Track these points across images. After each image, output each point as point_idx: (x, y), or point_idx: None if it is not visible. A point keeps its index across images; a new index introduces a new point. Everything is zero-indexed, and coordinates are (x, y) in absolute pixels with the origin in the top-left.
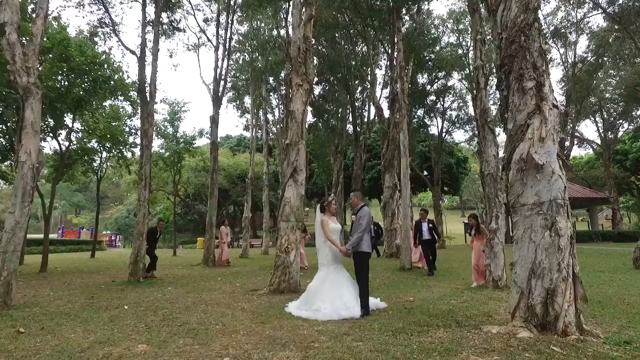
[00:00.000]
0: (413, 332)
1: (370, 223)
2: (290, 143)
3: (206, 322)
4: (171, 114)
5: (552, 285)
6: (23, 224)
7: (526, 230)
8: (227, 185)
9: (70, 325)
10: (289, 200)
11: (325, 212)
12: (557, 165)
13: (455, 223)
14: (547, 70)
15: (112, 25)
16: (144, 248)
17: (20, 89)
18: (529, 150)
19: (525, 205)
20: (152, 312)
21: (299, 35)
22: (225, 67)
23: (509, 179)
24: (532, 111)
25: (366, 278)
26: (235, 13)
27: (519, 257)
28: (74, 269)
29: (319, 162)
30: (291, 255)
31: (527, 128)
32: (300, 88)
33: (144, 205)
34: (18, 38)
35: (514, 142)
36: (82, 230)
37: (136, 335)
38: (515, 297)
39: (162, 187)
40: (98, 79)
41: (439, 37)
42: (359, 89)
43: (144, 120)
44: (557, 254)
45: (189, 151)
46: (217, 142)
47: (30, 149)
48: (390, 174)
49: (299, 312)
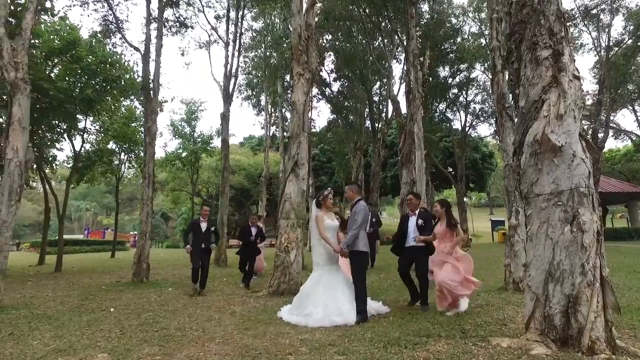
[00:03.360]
0: (408, 344)
1: (366, 219)
2: (291, 135)
3: (186, 328)
4: (188, 114)
5: (574, 292)
6: (10, 223)
7: (542, 225)
8: (248, 184)
9: (43, 330)
10: (289, 196)
11: (321, 207)
12: (579, 147)
13: (482, 221)
14: (566, 37)
15: (116, 23)
16: (148, 248)
17: (8, 84)
18: (544, 130)
19: (541, 195)
20: (136, 316)
21: (299, 22)
22: (236, 64)
23: (520, 165)
24: (548, 84)
25: (363, 280)
26: (245, 8)
27: (534, 256)
28: (89, 269)
29: (339, 159)
30: (291, 255)
31: (542, 104)
32: (302, 77)
33: (147, 204)
34: (6, 33)
35: (527, 121)
36: (106, 230)
37: (103, 342)
38: (530, 304)
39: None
40: (108, 79)
41: (460, 27)
42: (377, 84)
43: (147, 118)
44: (580, 253)
45: (206, 150)
46: (228, 139)
47: (17, 145)
48: (408, 169)
49: (289, 317)
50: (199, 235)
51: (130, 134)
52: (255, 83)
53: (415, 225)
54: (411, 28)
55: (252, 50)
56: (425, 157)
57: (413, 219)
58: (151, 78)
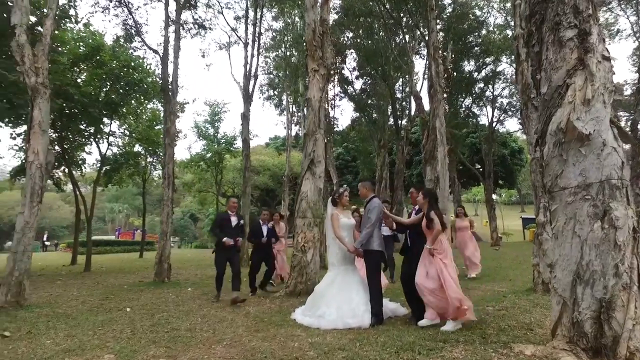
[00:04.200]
0: (422, 350)
1: (380, 217)
2: (307, 133)
3: (196, 329)
4: (211, 115)
5: (607, 295)
6: (32, 224)
7: (568, 222)
8: (273, 185)
9: (59, 329)
10: (305, 194)
11: (337, 205)
12: (610, 135)
13: (513, 219)
14: (594, 15)
15: (135, 27)
16: (168, 248)
17: (29, 89)
18: (569, 117)
19: (567, 188)
20: (149, 316)
21: (313, 17)
22: (256, 64)
23: (543, 156)
24: (573, 67)
25: (378, 281)
26: (264, 8)
27: (559, 256)
28: (116, 269)
29: (363, 158)
30: (308, 255)
31: (567, 89)
32: (317, 74)
33: (167, 204)
34: (27, 39)
35: (550, 108)
36: (135, 231)
37: (113, 342)
38: (556, 308)
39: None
40: (131, 83)
41: (485, 19)
42: (399, 81)
43: (166, 119)
44: (613, 253)
45: (229, 151)
46: (249, 139)
47: (38, 148)
48: (432, 166)
49: (302, 319)
50: (229, 230)
51: (154, 136)
52: (276, 83)
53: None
54: (431, 20)
55: (272, 50)
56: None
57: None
58: (170, 80)
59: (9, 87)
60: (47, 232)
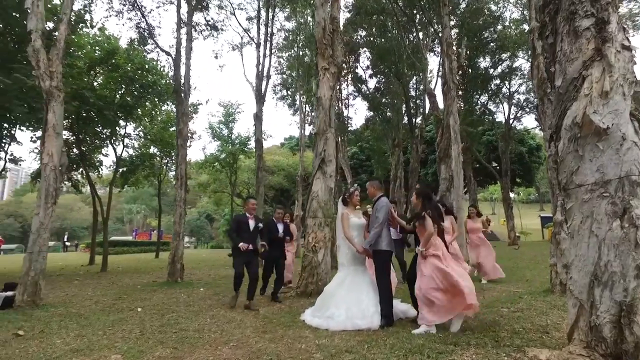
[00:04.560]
0: (432, 353)
1: (387, 216)
2: (317, 132)
3: (205, 330)
4: (225, 116)
5: (627, 298)
6: (47, 225)
7: (584, 220)
8: (287, 185)
9: (70, 329)
10: (316, 194)
11: (348, 204)
12: (631, 129)
13: (532, 218)
14: (613, 2)
15: (148, 29)
16: (181, 248)
17: (43, 92)
18: (585, 111)
19: (583, 185)
20: (159, 316)
21: (323, 15)
22: (268, 64)
23: (558, 152)
24: (590, 58)
25: (387, 281)
26: (275, 7)
27: (575, 256)
28: (132, 269)
29: (377, 157)
30: (319, 255)
31: (583, 81)
32: (327, 72)
33: (179, 205)
34: (42, 44)
35: (564, 102)
36: (152, 232)
37: (121, 343)
38: (572, 311)
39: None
40: (145, 85)
41: (500, 14)
42: (414, 79)
43: (179, 120)
44: (634, 253)
45: (244, 152)
46: (262, 139)
47: (52, 151)
48: (447, 164)
49: (311, 320)
50: (247, 234)
51: (168, 138)
52: (289, 83)
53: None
54: (444, 16)
55: (285, 50)
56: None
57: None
58: (182, 81)
59: (29, 92)
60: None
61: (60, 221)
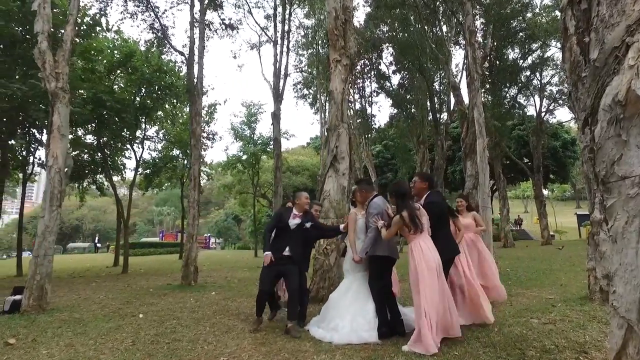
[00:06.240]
0: None
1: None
2: (329, 127)
3: (200, 340)
4: (248, 117)
5: None
6: (53, 228)
7: (631, 221)
8: (311, 184)
9: (64, 337)
10: (328, 193)
11: (356, 205)
12: None
13: (568, 216)
14: None
15: (162, 30)
16: (195, 251)
17: (49, 94)
18: (629, 86)
19: (628, 177)
20: (158, 324)
21: (333, 5)
22: (286, 62)
23: (594, 138)
24: (636, 21)
25: (380, 292)
26: (293, 4)
27: (620, 265)
28: (152, 270)
29: (402, 155)
30: (331, 258)
31: (627, 50)
32: (339, 64)
33: (193, 206)
34: (48, 46)
35: (602, 77)
36: (178, 233)
37: (107, 354)
38: (618, 334)
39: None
40: (163, 87)
41: (530, 1)
42: (438, 74)
43: (192, 120)
44: None
45: (266, 152)
46: (280, 138)
47: (57, 152)
48: (472, 160)
49: (315, 331)
50: (284, 234)
51: (188, 139)
52: (310, 80)
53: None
54: (466, 3)
55: (305, 48)
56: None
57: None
58: (195, 81)
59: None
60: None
61: (95, 223)
